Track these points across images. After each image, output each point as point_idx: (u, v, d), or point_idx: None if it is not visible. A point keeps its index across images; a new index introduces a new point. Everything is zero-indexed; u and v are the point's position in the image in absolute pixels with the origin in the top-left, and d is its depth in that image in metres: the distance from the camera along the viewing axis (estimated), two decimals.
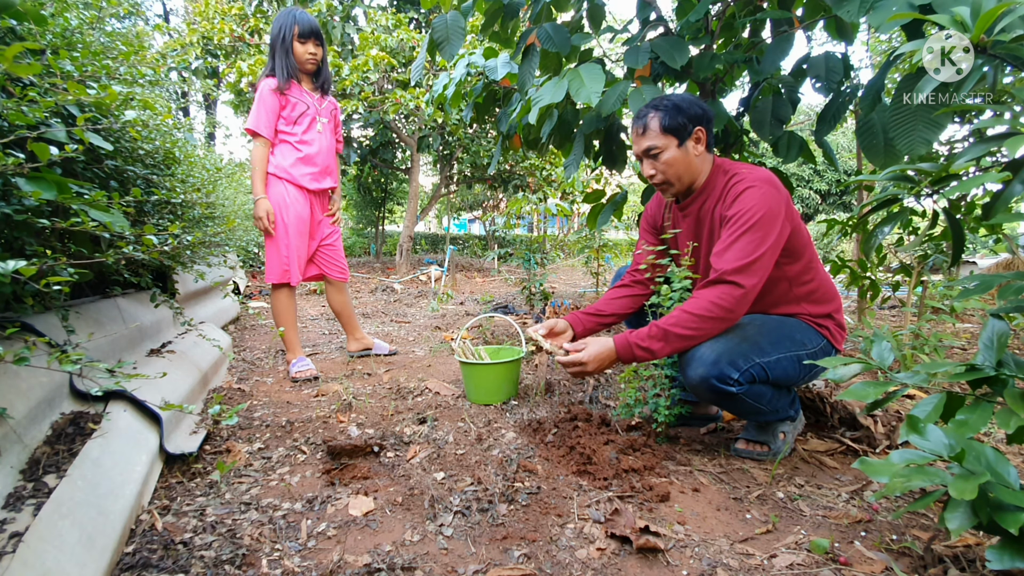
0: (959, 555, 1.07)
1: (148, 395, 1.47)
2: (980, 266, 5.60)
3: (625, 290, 1.80)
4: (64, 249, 1.45)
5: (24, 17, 1.17)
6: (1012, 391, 0.92)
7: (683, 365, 1.48)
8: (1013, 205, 1.08)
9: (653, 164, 1.56)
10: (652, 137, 1.53)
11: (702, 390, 1.45)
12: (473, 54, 2.80)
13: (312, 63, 2.43)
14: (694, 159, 1.55)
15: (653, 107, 1.55)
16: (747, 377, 1.42)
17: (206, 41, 6.84)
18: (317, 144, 2.48)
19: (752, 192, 1.47)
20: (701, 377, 1.42)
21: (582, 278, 8.10)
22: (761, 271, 1.43)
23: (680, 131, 1.52)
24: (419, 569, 1.07)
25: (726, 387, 1.42)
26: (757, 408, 1.49)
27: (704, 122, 1.54)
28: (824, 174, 16.46)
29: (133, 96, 1.61)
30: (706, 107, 1.55)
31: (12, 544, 0.85)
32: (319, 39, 2.42)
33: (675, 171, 1.55)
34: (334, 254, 2.65)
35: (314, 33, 2.39)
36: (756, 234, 1.43)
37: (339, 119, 2.64)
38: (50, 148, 1.01)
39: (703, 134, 1.54)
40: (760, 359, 1.43)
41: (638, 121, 1.57)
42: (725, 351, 1.42)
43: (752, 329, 1.48)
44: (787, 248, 1.51)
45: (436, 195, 9.78)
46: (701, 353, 1.43)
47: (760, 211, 1.44)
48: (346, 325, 2.79)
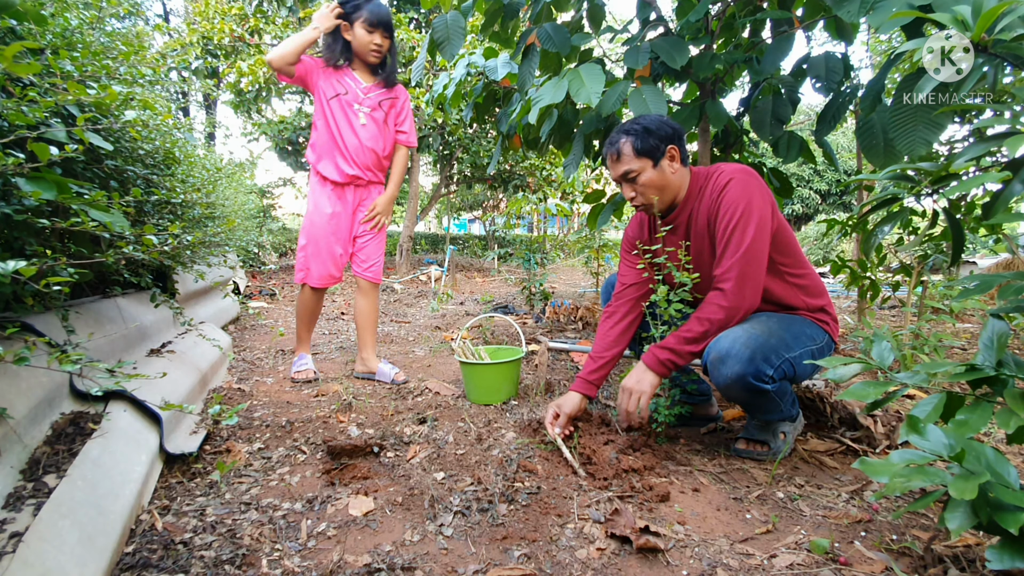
0: (959, 555, 1.07)
1: (148, 395, 1.47)
2: (980, 266, 5.59)
3: (613, 321, 1.74)
4: (64, 249, 1.45)
5: (24, 17, 1.17)
6: (1012, 391, 0.92)
7: (714, 363, 1.46)
8: (1013, 205, 1.08)
9: (632, 187, 1.59)
10: (627, 162, 1.56)
11: (736, 388, 1.44)
12: (473, 54, 2.80)
13: (376, 55, 2.30)
14: (671, 176, 1.58)
15: (624, 132, 1.57)
16: (779, 374, 1.44)
17: (206, 41, 6.84)
18: (353, 135, 2.30)
19: (735, 185, 1.51)
20: (738, 375, 1.41)
21: (582, 278, 8.11)
22: (757, 256, 1.47)
23: (653, 152, 1.54)
24: (419, 569, 1.07)
25: (762, 384, 1.42)
26: (778, 405, 1.51)
27: (676, 140, 1.57)
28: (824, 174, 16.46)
29: (133, 96, 1.61)
30: (675, 125, 1.58)
31: (12, 544, 0.85)
32: (388, 30, 2.29)
33: (654, 191, 1.58)
34: (363, 251, 2.44)
35: (383, 23, 2.26)
36: (744, 224, 1.47)
37: (403, 111, 2.43)
38: (50, 148, 1.01)
39: (676, 151, 1.57)
40: (788, 355, 1.45)
41: (611, 147, 1.59)
42: (759, 348, 1.41)
43: (773, 324, 1.49)
44: (777, 243, 1.54)
45: (436, 195, 9.78)
46: (736, 351, 1.41)
47: (744, 201, 1.48)
48: (359, 339, 2.49)
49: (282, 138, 7.79)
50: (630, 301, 1.74)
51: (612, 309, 1.76)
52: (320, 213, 2.34)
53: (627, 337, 1.73)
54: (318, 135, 2.35)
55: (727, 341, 1.44)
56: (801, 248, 1.64)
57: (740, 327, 1.47)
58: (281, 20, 7.04)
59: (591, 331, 3.36)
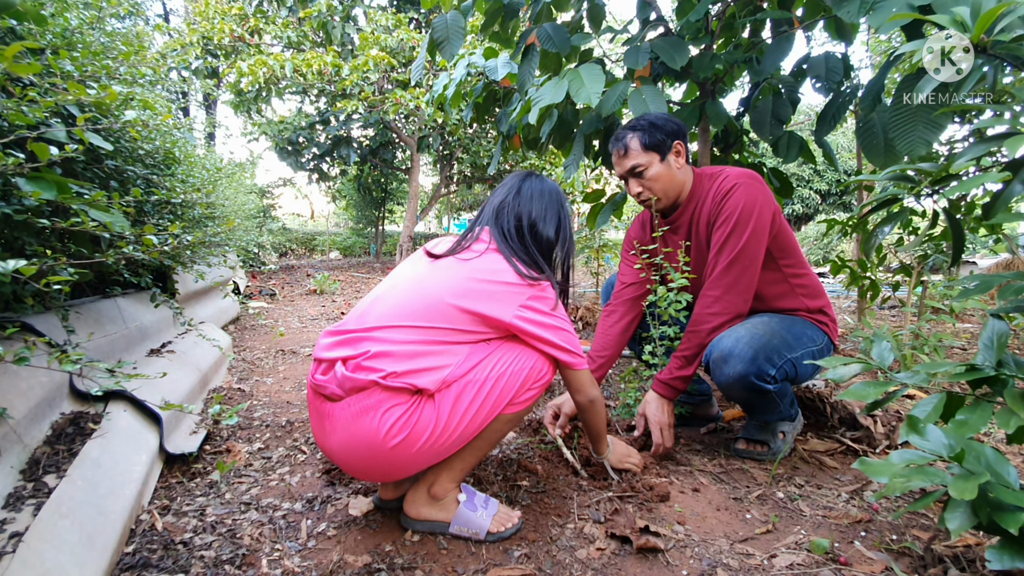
0: (959, 555, 1.07)
1: (148, 395, 1.47)
2: (980, 266, 5.60)
3: (612, 321, 1.75)
4: (64, 249, 1.45)
5: (24, 17, 1.17)
6: (1012, 391, 0.92)
7: (717, 362, 1.46)
8: (1013, 205, 1.08)
9: (639, 182, 1.59)
10: (635, 156, 1.57)
11: (738, 388, 1.45)
12: (473, 54, 2.80)
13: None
14: (676, 172, 1.59)
15: (630, 128, 1.58)
16: (781, 374, 1.45)
17: (206, 41, 6.84)
18: None
19: (739, 189, 1.51)
20: (740, 374, 1.42)
21: (582, 278, 8.10)
22: (750, 260, 1.48)
23: (660, 147, 1.55)
24: (419, 569, 1.07)
25: (765, 384, 1.43)
26: (778, 405, 1.52)
27: (681, 136, 1.58)
28: (824, 174, 16.45)
29: (133, 96, 1.61)
30: (679, 122, 1.60)
31: (12, 544, 0.85)
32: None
33: (661, 186, 1.58)
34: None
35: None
36: (742, 229, 1.48)
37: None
38: (50, 148, 1.01)
39: (682, 147, 1.58)
40: (790, 355, 1.46)
41: (617, 143, 1.60)
42: (761, 348, 1.42)
43: (775, 324, 1.49)
44: (779, 244, 1.55)
45: (436, 195, 9.78)
46: (739, 351, 1.42)
47: (745, 207, 1.49)
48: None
49: (282, 138, 7.80)
50: (629, 301, 1.74)
51: (611, 308, 1.76)
52: None
53: (626, 337, 1.73)
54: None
55: (730, 341, 1.44)
56: (801, 249, 1.64)
57: (742, 327, 1.47)
58: (281, 20, 7.04)
59: (591, 331, 3.36)
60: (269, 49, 7.15)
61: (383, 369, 1.03)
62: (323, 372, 1.08)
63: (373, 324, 1.08)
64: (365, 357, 1.04)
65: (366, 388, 1.03)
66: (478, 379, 1.10)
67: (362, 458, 1.06)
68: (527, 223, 1.23)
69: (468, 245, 1.20)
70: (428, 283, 1.13)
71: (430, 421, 1.06)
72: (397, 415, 1.03)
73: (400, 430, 1.04)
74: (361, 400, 1.04)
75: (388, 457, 1.05)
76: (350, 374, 1.03)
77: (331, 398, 1.06)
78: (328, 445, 1.09)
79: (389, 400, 1.03)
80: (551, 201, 1.27)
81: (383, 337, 1.06)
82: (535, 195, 1.26)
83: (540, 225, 1.24)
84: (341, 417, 1.05)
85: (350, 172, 9.56)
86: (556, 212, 1.27)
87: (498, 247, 1.19)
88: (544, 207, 1.26)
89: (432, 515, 1.18)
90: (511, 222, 1.23)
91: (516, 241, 1.21)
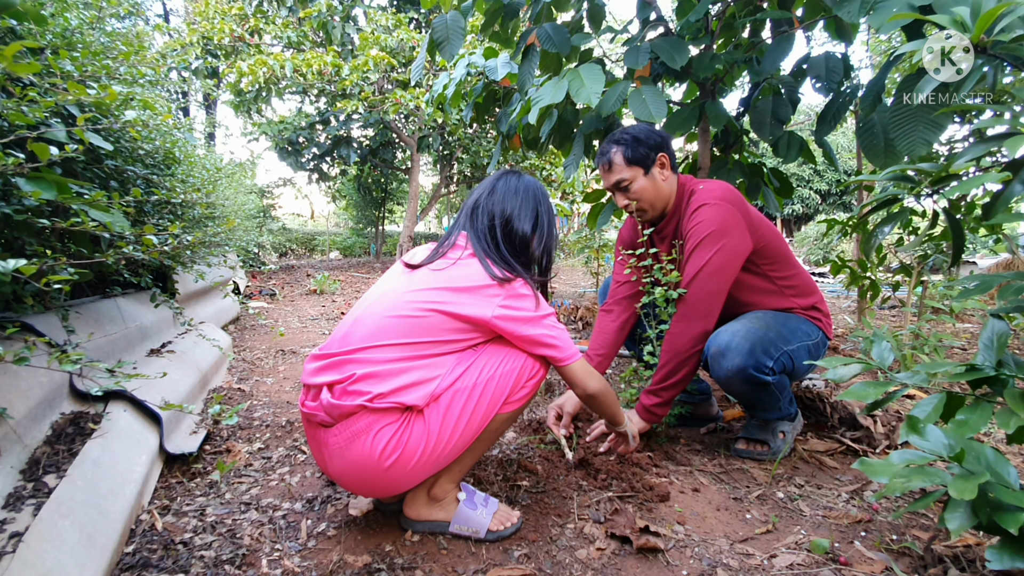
0: (959, 555, 1.07)
1: (148, 395, 1.47)
2: (980, 266, 5.60)
3: (609, 320, 1.76)
4: (64, 249, 1.45)
5: (24, 17, 1.17)
6: (1012, 391, 0.92)
7: (715, 357, 1.47)
8: (1013, 205, 1.08)
9: (625, 195, 1.62)
10: (619, 171, 1.59)
11: (736, 381, 1.46)
12: (473, 54, 2.80)
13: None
14: (662, 184, 1.60)
15: (614, 142, 1.60)
16: (779, 366, 1.46)
17: (206, 41, 6.84)
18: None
19: (705, 209, 1.52)
20: (738, 367, 1.43)
21: (582, 278, 8.11)
22: (716, 279, 1.48)
23: (644, 160, 1.57)
24: (419, 569, 1.07)
25: (763, 376, 1.44)
26: (777, 400, 1.53)
27: (665, 148, 1.59)
28: (824, 174, 16.45)
29: (133, 96, 1.61)
30: (664, 133, 1.61)
31: (12, 544, 0.85)
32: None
33: (647, 198, 1.60)
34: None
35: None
36: (706, 248, 1.49)
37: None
38: (50, 148, 1.01)
39: (666, 159, 1.59)
40: (786, 348, 1.48)
41: (602, 158, 1.62)
42: (758, 341, 1.43)
43: (769, 319, 1.51)
44: (764, 255, 1.57)
45: (436, 195, 9.78)
46: (736, 344, 1.44)
47: (711, 226, 1.49)
48: None
49: (282, 138, 7.79)
50: (625, 300, 1.76)
51: (608, 307, 1.78)
52: None
53: (623, 334, 1.75)
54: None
55: (726, 335, 1.46)
56: (790, 249, 1.65)
57: (738, 322, 1.49)
58: (281, 20, 7.04)
59: (591, 331, 3.36)
60: (269, 49, 7.15)
61: (369, 391, 1.03)
62: (312, 399, 1.08)
63: (356, 345, 1.07)
64: (351, 381, 1.03)
65: (354, 413, 1.03)
66: (467, 386, 1.09)
67: (363, 480, 1.07)
68: (500, 221, 1.22)
69: (445, 252, 1.19)
70: (406, 296, 1.12)
71: (422, 437, 1.05)
72: (388, 436, 1.03)
73: (393, 450, 1.03)
74: (351, 425, 1.03)
75: (387, 477, 1.05)
76: (336, 401, 1.03)
77: (323, 424, 1.06)
78: (328, 471, 1.09)
79: (378, 421, 1.03)
80: (527, 196, 1.26)
81: (367, 358, 1.05)
82: (509, 192, 1.26)
83: (515, 222, 1.23)
84: (335, 444, 1.05)
85: (350, 172, 9.55)
86: (532, 207, 1.26)
87: (473, 251, 1.18)
88: (519, 203, 1.24)
89: (432, 515, 1.18)
90: (484, 221, 1.22)
91: (489, 241, 1.20)
